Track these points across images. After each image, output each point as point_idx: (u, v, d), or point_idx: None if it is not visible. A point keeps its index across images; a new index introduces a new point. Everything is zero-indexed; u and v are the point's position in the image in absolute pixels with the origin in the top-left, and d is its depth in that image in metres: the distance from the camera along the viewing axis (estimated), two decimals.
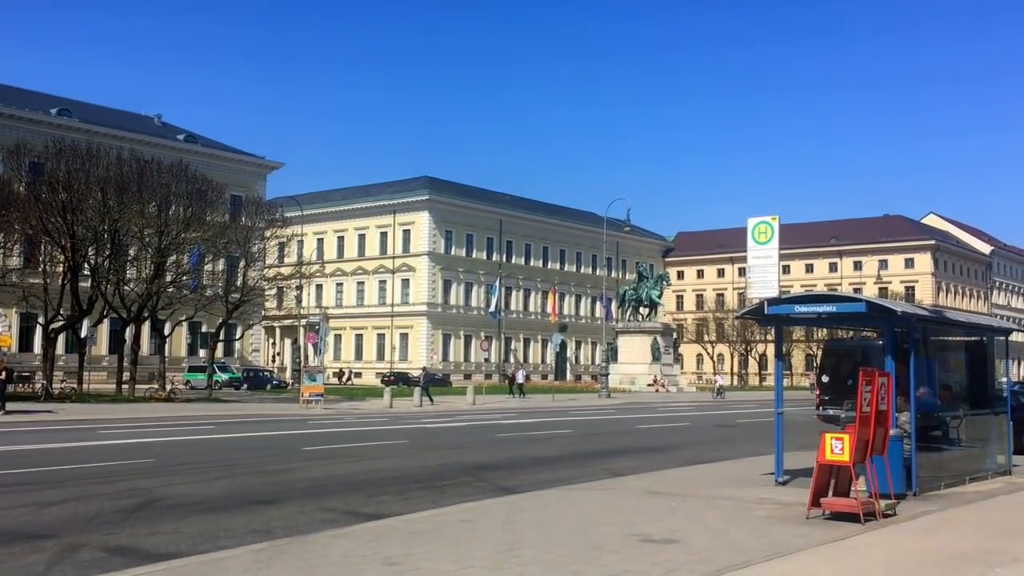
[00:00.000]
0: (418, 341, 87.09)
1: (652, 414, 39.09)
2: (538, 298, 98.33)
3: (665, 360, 72.86)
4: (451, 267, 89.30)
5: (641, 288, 75.47)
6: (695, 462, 18.29)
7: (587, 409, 42.82)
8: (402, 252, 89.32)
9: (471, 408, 42.44)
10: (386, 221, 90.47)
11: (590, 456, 19.87)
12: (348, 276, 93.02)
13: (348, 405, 43.65)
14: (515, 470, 17.01)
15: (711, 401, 55.67)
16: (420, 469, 17.07)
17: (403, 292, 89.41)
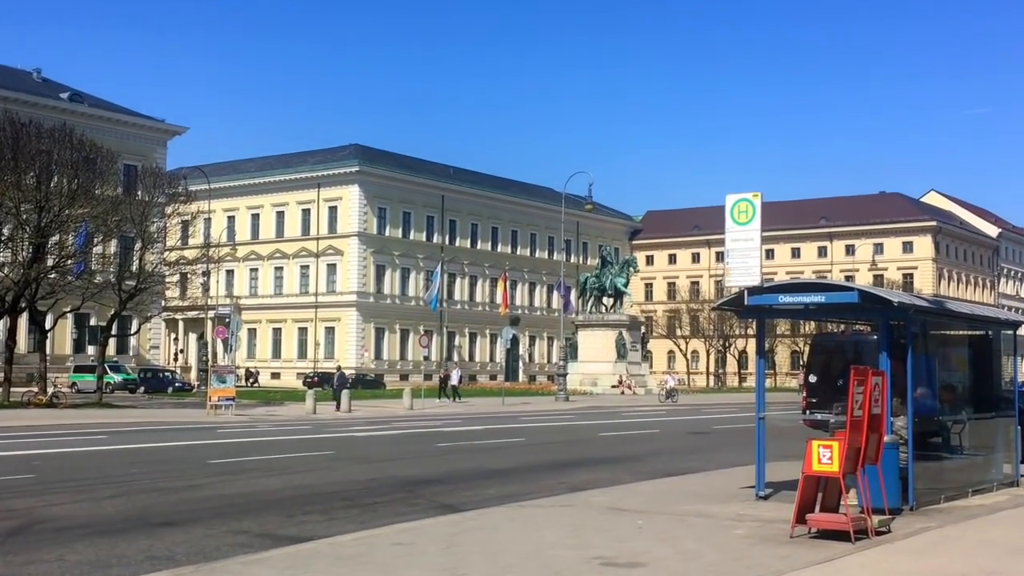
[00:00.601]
0: (346, 336, 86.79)
1: (617, 420, 39.34)
2: (486, 286, 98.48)
3: (632, 358, 73.42)
4: (385, 250, 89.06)
5: (604, 275, 75.96)
6: (665, 474, 18.47)
7: (542, 414, 42.96)
8: (327, 232, 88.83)
9: (408, 413, 42.35)
10: (309, 196, 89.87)
11: (545, 468, 19.97)
12: (264, 260, 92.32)
13: (264, 411, 43.33)
14: (459, 485, 17.04)
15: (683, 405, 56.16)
16: (348, 484, 17.03)
17: (329, 279, 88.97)
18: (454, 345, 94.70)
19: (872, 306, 13.38)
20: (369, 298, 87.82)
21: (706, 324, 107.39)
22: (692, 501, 14.36)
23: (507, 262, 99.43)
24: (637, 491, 15.78)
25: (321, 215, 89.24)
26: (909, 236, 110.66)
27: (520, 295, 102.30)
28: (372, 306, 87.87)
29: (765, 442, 14.36)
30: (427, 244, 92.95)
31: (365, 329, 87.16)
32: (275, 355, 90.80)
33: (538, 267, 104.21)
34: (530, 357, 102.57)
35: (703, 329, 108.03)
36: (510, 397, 57.10)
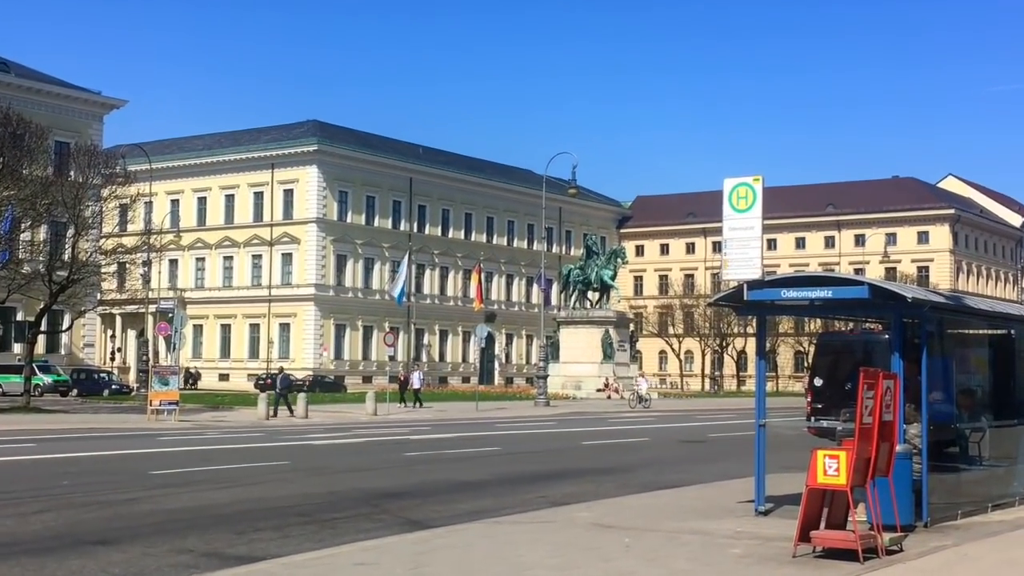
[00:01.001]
0: (303, 334, 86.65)
1: (602, 427, 39.43)
2: (458, 279, 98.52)
3: (619, 359, 73.63)
4: (346, 238, 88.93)
5: (590, 267, 76.12)
6: (656, 487, 18.52)
7: (520, 421, 43.01)
8: (282, 218, 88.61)
9: (371, 420, 42.31)
10: (262, 178, 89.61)
11: (523, 480, 19.99)
12: (212, 249, 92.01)
13: (211, 416, 43.19)
14: (427, 499, 17.04)
15: (676, 411, 56.34)
16: (305, 498, 16.99)
17: (284, 270, 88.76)
18: (422, 344, 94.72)
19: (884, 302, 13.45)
20: (328, 291, 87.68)
21: (701, 321, 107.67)
22: (685, 517, 14.41)
23: (482, 252, 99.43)
24: (625, 505, 15.82)
25: (275, 199, 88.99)
26: (924, 225, 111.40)
27: (496, 289, 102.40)
28: (332, 300, 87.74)
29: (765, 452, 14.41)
30: (393, 231, 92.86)
31: (324, 326, 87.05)
32: (224, 354, 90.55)
33: (516, 258, 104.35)
34: (507, 357, 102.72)
35: (698, 327, 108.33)
36: (485, 402, 57.13)
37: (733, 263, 14.08)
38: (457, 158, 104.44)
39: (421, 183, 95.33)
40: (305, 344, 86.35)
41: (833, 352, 24.54)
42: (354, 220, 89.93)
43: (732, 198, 14.09)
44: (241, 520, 14.59)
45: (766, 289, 13.85)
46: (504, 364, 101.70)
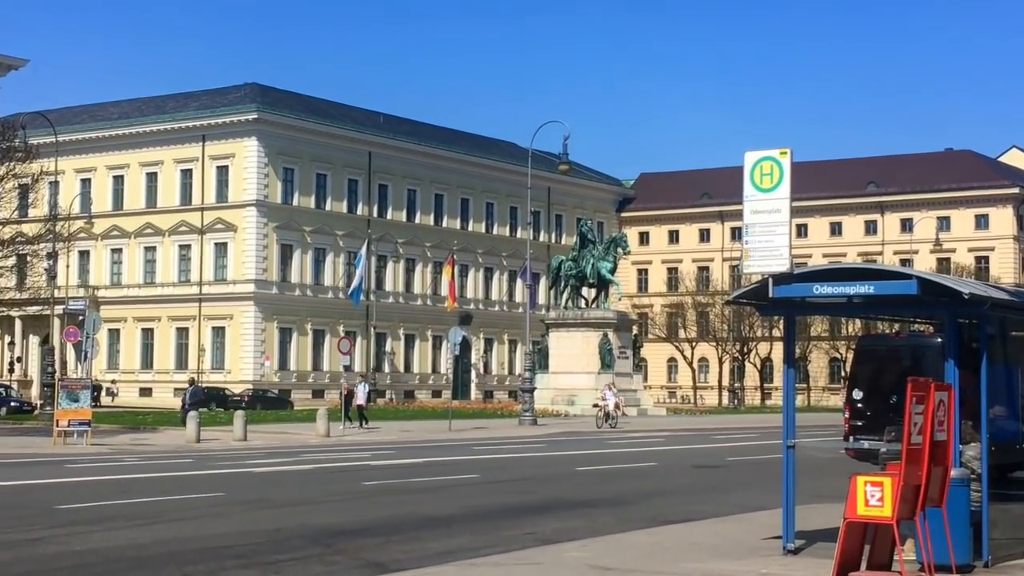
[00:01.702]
0: (240, 340, 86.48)
1: (600, 449, 39.44)
2: (427, 273, 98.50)
3: (620, 368, 73.67)
4: (293, 224, 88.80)
5: (584, 258, 76.08)
6: (664, 522, 18.55)
7: (502, 442, 42.98)
8: (216, 201, 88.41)
9: (323, 442, 42.21)
10: (191, 153, 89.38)
11: (506, 514, 19.98)
12: (130, 238, 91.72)
13: (130, 438, 43.04)
14: (390, 537, 17.01)
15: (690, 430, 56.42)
16: (243, 536, 16.93)
17: (218, 264, 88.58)
18: (384, 351, 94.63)
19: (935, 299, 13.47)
20: (271, 288, 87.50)
21: (718, 323, 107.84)
22: (699, 556, 14.41)
23: (455, 240, 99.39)
24: (626, 544, 15.80)
25: (207, 178, 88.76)
26: (984, 207, 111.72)
27: (472, 285, 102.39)
28: (275, 299, 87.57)
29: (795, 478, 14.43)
30: (349, 216, 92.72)
31: (266, 330, 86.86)
32: (145, 365, 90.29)
33: (496, 247, 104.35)
34: (485, 367, 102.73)
35: (714, 330, 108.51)
36: (459, 420, 57.07)
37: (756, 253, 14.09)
38: (425, 128, 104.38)
39: (382, 158, 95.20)
40: (243, 352, 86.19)
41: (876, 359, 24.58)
42: (302, 203, 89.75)
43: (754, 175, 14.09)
44: (166, 563, 14.53)
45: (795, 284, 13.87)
46: (482, 375, 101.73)
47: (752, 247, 14.01)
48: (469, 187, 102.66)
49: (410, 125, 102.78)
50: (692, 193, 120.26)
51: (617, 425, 55.80)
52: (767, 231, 13.96)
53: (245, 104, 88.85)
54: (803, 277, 13.94)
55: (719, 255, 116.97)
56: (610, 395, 57.84)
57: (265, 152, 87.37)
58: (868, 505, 11.40)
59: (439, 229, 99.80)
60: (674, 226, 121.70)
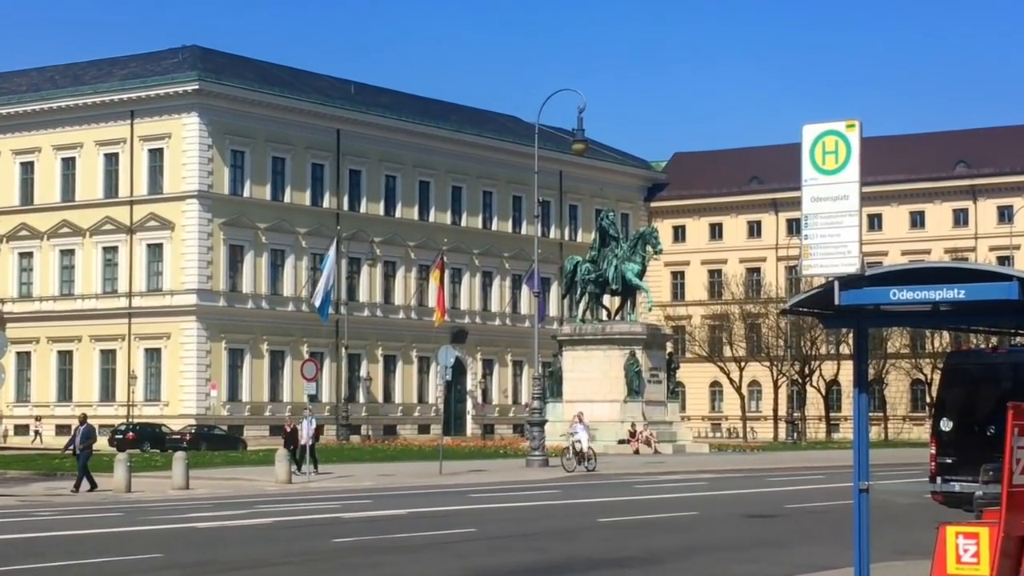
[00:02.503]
0: (180, 364, 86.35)
1: (627, 495, 39.38)
2: (410, 279, 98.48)
3: (652, 395, 73.61)
4: (244, 220, 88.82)
5: (606, 259, 75.91)
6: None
7: (505, 488, 42.92)
8: (148, 193, 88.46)
9: (282, 490, 42.13)
10: (117, 133, 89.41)
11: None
12: (42, 240, 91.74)
13: (44, 487, 43.01)
14: None
15: (738, 471, 56.34)
16: None
17: (151, 270, 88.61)
18: (359, 377, 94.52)
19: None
20: (218, 300, 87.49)
21: (772, 338, 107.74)
22: None
23: (445, 239, 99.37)
24: None
25: (137, 163, 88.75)
26: None
27: (467, 293, 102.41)
28: (223, 313, 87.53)
29: (870, 530, 14.38)
30: (313, 210, 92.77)
31: (212, 352, 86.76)
32: (63, 396, 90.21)
33: (496, 247, 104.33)
34: (484, 395, 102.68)
35: (768, 346, 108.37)
36: (453, 461, 56.98)
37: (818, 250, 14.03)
38: (407, 100, 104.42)
39: (354, 137, 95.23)
40: (184, 379, 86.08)
41: (969, 381, 24.49)
42: (255, 194, 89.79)
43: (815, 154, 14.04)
44: None
45: (868, 288, 13.81)
46: (480, 405, 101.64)
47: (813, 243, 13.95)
48: (462, 172, 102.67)
49: (388, 96, 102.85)
50: (738, 177, 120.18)
51: (595, 468, 51.99)
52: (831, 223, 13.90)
53: (183, 72, 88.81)
54: (877, 280, 13.89)
55: (772, 253, 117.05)
56: (581, 429, 53.99)
57: (208, 131, 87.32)
58: (960, 562, 11.35)
59: (425, 225, 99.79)
60: (716, 218, 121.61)
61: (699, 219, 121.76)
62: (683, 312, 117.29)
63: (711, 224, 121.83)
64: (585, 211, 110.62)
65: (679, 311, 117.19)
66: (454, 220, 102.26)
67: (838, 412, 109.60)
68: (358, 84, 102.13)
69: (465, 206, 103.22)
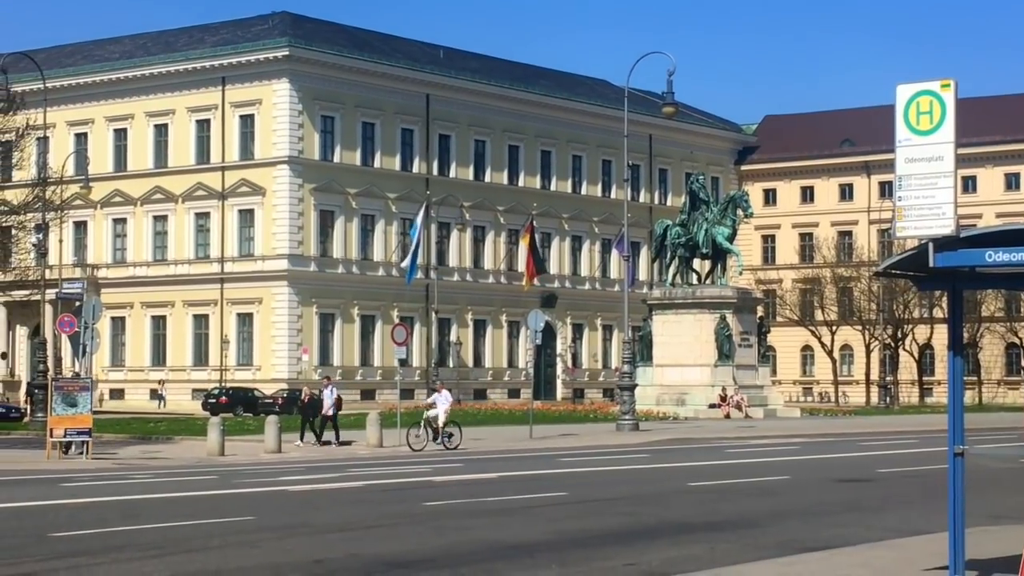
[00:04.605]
0: (272, 328, 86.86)
1: (718, 459, 39.36)
2: (500, 244, 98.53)
3: (742, 358, 73.39)
4: (334, 186, 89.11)
5: (696, 223, 75.63)
6: (798, 549, 18.47)
7: (595, 453, 42.99)
8: (240, 159, 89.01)
9: (374, 454, 42.50)
10: (209, 100, 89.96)
11: (602, 541, 19.98)
12: (136, 206, 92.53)
13: (141, 451, 43.53)
14: (459, 570, 17.04)
15: (829, 436, 56.13)
16: (277, 569, 17.04)
17: (243, 235, 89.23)
18: (449, 342, 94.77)
19: None
20: (309, 265, 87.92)
21: (865, 302, 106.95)
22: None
23: (535, 203, 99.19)
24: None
25: (229, 130, 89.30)
26: None
27: (557, 258, 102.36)
28: (314, 279, 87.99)
29: (964, 495, 14.27)
30: (403, 176, 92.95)
31: (303, 316, 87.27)
32: (156, 360, 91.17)
33: (586, 211, 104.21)
34: (574, 360, 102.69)
35: (860, 310, 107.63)
36: (543, 425, 57.07)
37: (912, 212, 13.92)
38: (496, 64, 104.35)
39: (443, 103, 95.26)
40: (276, 344, 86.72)
41: None
42: (345, 159, 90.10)
43: (909, 114, 13.92)
44: None
45: (962, 250, 13.69)
46: (570, 369, 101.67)
47: (907, 204, 13.84)
48: (551, 136, 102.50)
49: (477, 61, 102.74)
50: (830, 139, 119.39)
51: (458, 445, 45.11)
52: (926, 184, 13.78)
53: (273, 38, 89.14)
54: (972, 241, 13.76)
55: (864, 216, 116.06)
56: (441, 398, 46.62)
57: (299, 97, 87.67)
58: None
59: (514, 189, 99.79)
60: (807, 181, 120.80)
61: (790, 182, 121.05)
62: (774, 276, 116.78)
63: (802, 187, 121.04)
64: (675, 175, 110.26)
65: (770, 275, 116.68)
66: (543, 184, 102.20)
67: (931, 376, 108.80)
68: (447, 49, 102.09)
69: (554, 170, 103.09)
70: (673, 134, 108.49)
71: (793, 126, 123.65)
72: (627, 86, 63.65)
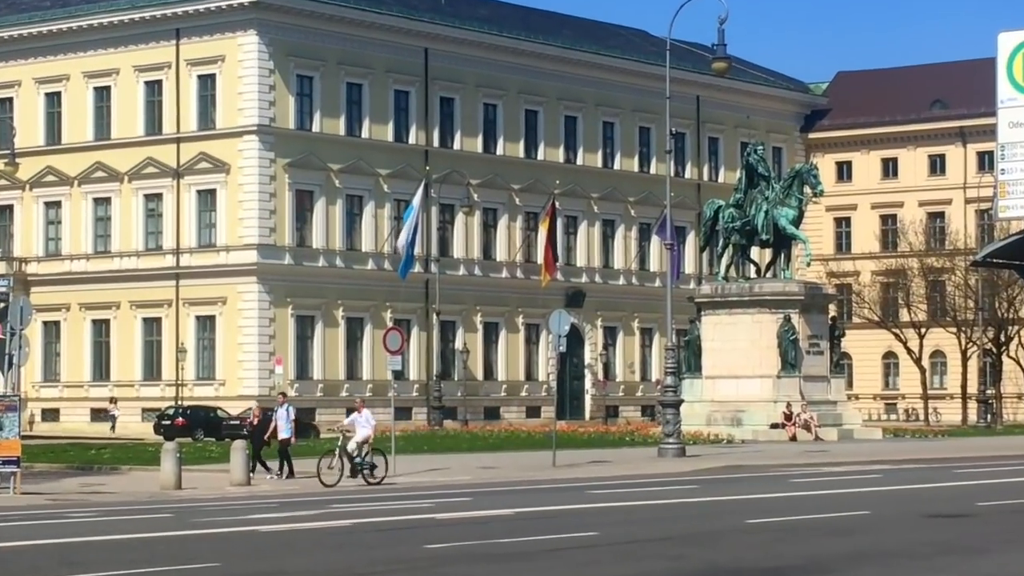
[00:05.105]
0: (239, 334, 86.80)
1: (781, 492, 39.31)
2: (515, 230, 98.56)
3: (811, 367, 73.26)
4: (312, 161, 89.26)
5: (755, 203, 75.44)
6: None
7: (633, 484, 43.00)
8: (198, 128, 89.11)
9: (363, 486, 42.62)
10: (161, 57, 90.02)
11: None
12: (73, 188, 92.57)
13: (80, 483, 43.62)
14: None
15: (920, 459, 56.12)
16: None
17: (203, 221, 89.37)
18: (454, 349, 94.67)
19: None
20: (283, 257, 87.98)
21: (960, 298, 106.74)
22: None
23: (557, 180, 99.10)
24: None
25: (185, 94, 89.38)
26: None
27: (584, 247, 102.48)
28: (289, 274, 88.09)
29: None
30: (396, 148, 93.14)
31: (276, 319, 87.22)
32: (98, 374, 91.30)
33: (620, 189, 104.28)
34: (606, 370, 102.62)
35: (954, 308, 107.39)
36: (568, 450, 57.08)
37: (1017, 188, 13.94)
38: (509, 11, 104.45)
39: (445, 58, 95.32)
40: (243, 353, 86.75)
41: None
42: (326, 128, 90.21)
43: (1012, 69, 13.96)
44: None
45: None
46: (601, 382, 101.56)
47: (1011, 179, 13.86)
48: (577, 99, 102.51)
49: (486, 7, 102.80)
50: (917, 101, 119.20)
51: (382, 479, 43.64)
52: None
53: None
54: None
55: (959, 194, 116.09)
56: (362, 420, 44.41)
57: (269, 53, 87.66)
58: None
59: (532, 164, 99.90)
60: (890, 151, 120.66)
61: (868, 153, 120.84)
62: (849, 267, 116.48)
63: (883, 159, 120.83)
64: (728, 145, 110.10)
65: (844, 266, 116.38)
66: (568, 158, 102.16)
67: None
68: None
69: (581, 140, 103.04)
70: (726, 95, 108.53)
71: (872, 85, 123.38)
72: (669, 37, 63.52)
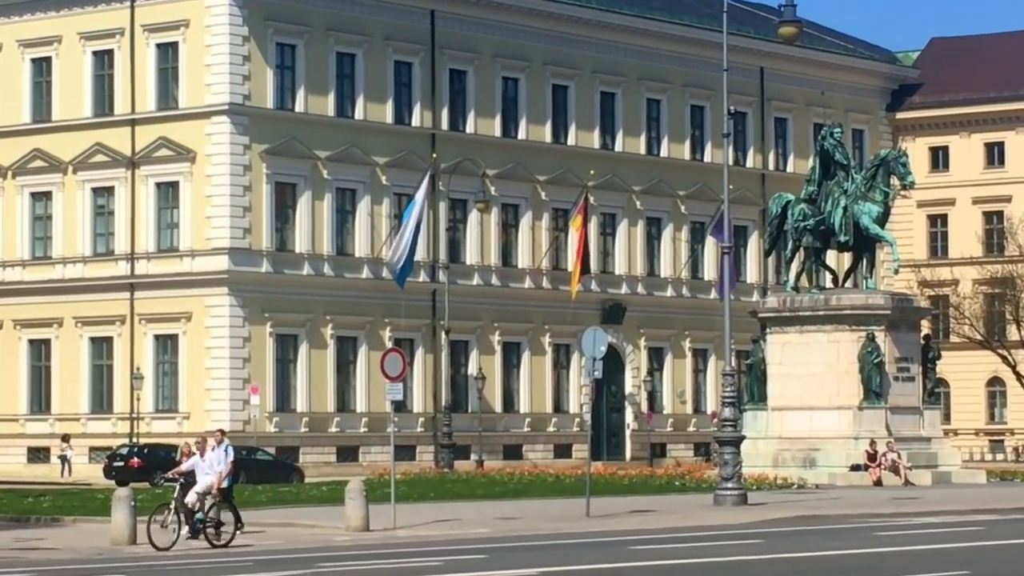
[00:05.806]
0: (204, 358, 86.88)
1: (864, 547, 39.29)
2: (540, 231, 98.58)
3: (900, 397, 73.14)
4: (295, 147, 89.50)
5: (831, 197, 75.26)
6: None
7: (683, 538, 43.01)
8: (157, 109, 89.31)
9: (359, 539, 42.67)
10: (111, 21, 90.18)
11: None
12: (6, 180, 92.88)
13: (14, 537, 43.71)
14: None
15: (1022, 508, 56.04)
16: None
17: (162, 221, 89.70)
18: (466, 376, 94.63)
19: None
20: (260, 264, 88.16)
21: None
22: None
23: (590, 170, 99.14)
24: None
25: (141, 66, 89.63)
26: None
27: (623, 251, 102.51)
28: (267, 283, 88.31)
29: None
30: (397, 131, 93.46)
31: (252, 339, 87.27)
32: (37, 405, 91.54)
33: (667, 181, 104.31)
34: (651, 400, 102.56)
35: None
36: (605, 497, 57.11)
37: None
38: None
39: (455, 24, 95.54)
40: (212, 379, 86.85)
41: None
42: (312, 108, 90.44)
43: None
44: None
45: None
46: (645, 415, 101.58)
47: None
48: (615, 72, 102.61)
49: None
50: None
51: (230, 541, 42.58)
52: None
53: None
54: None
55: None
56: (212, 462, 44.13)
57: (244, 17, 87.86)
58: None
59: (561, 150, 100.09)
60: (995, 134, 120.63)
61: (969, 136, 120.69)
62: (946, 275, 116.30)
63: (987, 144, 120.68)
64: (798, 127, 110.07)
65: (940, 273, 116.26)
66: (604, 143, 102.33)
67: None
68: None
69: (620, 122, 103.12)
70: (796, 67, 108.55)
71: (972, 53, 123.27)
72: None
